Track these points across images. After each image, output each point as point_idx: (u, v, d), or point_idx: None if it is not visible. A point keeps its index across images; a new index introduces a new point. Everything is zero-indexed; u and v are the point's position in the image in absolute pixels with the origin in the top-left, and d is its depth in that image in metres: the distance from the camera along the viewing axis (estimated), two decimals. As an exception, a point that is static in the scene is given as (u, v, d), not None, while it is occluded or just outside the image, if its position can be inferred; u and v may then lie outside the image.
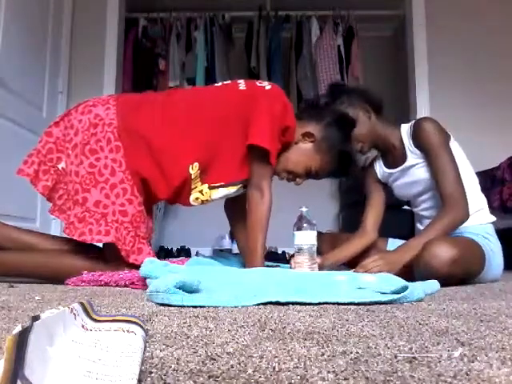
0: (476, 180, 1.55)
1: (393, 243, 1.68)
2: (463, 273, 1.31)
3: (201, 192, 1.42)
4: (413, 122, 1.55)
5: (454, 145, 1.50)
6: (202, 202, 1.45)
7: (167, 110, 1.39)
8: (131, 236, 1.31)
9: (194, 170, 1.38)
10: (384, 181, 1.68)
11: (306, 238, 1.36)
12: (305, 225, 1.36)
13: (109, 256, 1.33)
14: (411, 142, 1.52)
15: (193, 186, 1.41)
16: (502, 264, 1.48)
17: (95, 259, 1.33)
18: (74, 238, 1.27)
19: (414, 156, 1.52)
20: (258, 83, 1.46)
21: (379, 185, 1.69)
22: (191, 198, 1.43)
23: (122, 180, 1.31)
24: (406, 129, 1.56)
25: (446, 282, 1.24)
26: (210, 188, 1.42)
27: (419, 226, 1.62)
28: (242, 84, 1.45)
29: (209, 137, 1.38)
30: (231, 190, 1.44)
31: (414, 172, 1.53)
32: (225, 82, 1.54)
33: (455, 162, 1.44)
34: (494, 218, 1.53)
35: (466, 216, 1.41)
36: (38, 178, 1.36)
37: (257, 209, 1.37)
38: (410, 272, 1.33)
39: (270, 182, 1.40)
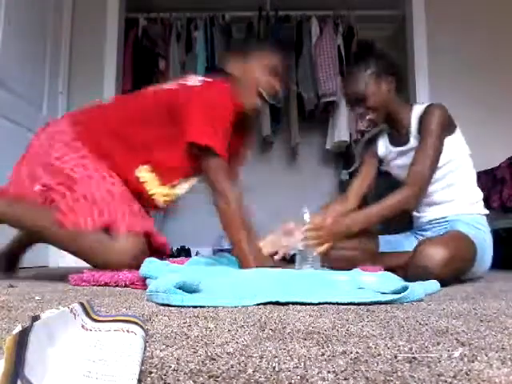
0: (474, 175, 1.55)
1: (385, 243, 1.67)
2: (455, 273, 1.32)
3: (165, 195, 1.46)
4: (426, 105, 1.52)
5: (457, 136, 1.50)
6: (172, 200, 1.47)
7: (106, 116, 1.47)
8: (125, 211, 1.34)
9: (143, 172, 1.41)
10: (382, 156, 1.67)
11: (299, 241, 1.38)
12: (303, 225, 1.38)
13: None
14: (416, 127, 1.51)
15: (154, 191, 1.44)
16: (491, 256, 1.49)
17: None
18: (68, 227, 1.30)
19: (415, 140, 1.52)
20: (190, 80, 1.49)
21: (374, 160, 1.69)
22: (160, 202, 1.47)
23: (96, 169, 1.37)
24: (418, 111, 1.53)
25: (439, 282, 1.25)
26: (171, 187, 1.45)
27: (414, 213, 1.62)
28: (175, 84, 1.49)
29: (144, 137, 1.42)
30: (193, 181, 1.47)
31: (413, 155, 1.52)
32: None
33: (438, 152, 1.44)
34: (487, 211, 1.53)
35: (416, 203, 1.44)
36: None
37: (225, 216, 1.39)
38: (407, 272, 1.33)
39: (225, 174, 1.38)
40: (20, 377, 0.29)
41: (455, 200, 1.50)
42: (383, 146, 1.67)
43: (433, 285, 1.13)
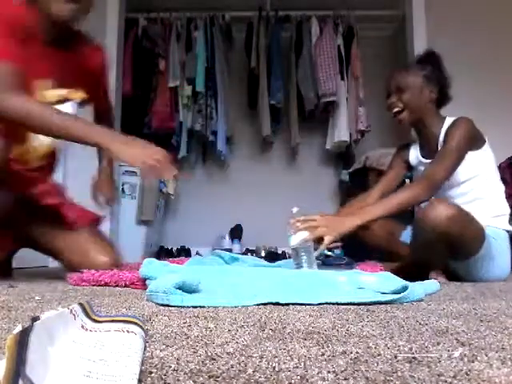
0: (502, 188, 1.55)
1: (408, 235, 1.67)
2: (459, 236, 1.32)
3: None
4: (456, 118, 1.54)
5: (485, 151, 1.52)
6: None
7: None
8: None
9: None
10: (413, 165, 1.68)
11: (300, 239, 1.33)
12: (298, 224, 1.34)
13: None
14: (443, 139, 1.52)
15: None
16: (506, 270, 1.48)
17: None
18: None
19: None
20: None
21: (403, 166, 1.70)
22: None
23: None
24: (447, 123, 1.54)
25: (441, 239, 1.25)
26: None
27: None
28: None
29: None
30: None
31: None
32: None
33: (457, 161, 1.45)
34: (510, 228, 1.52)
35: (426, 195, 1.41)
36: None
37: (30, 116, 1.16)
38: (406, 271, 1.33)
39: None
40: (21, 376, 0.29)
41: (479, 213, 1.49)
42: (414, 155, 1.68)
43: (433, 285, 1.13)
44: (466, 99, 2.99)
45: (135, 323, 0.52)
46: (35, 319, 0.40)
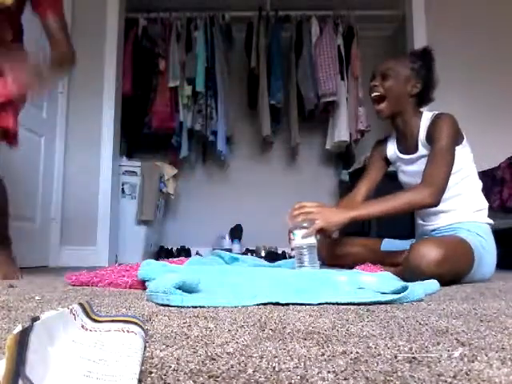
0: (479, 183, 1.55)
1: (388, 243, 1.68)
2: (450, 273, 1.31)
3: None
4: (434, 113, 1.53)
5: (464, 146, 1.51)
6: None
7: None
8: None
9: None
10: (391, 161, 1.69)
11: (306, 238, 1.34)
12: (304, 223, 1.35)
13: None
14: (425, 135, 1.51)
15: None
16: (494, 265, 1.49)
17: None
18: None
19: (424, 148, 1.52)
20: None
21: (382, 162, 1.70)
22: None
23: None
24: (426, 118, 1.54)
25: (433, 277, 1.24)
26: None
27: (419, 221, 1.62)
28: None
29: None
30: None
31: (423, 162, 1.50)
32: None
33: (452, 156, 1.43)
34: (491, 221, 1.53)
35: (434, 202, 1.38)
36: None
37: None
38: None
39: None
40: (21, 376, 0.29)
41: (460, 208, 1.50)
42: (392, 151, 1.68)
43: (433, 285, 1.13)
44: (466, 98, 3.00)
45: (135, 323, 0.52)
46: (35, 319, 0.40)
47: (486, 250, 1.44)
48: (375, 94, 1.54)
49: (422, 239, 1.37)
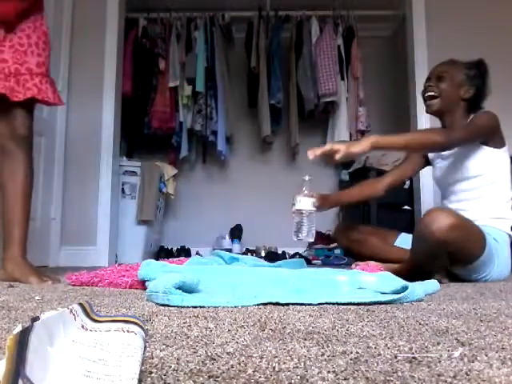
0: (509, 194, 1.55)
1: (403, 239, 1.68)
2: (459, 245, 1.31)
3: None
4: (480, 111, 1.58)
5: (502, 152, 1.53)
6: None
7: None
8: None
9: None
10: (431, 157, 1.71)
11: (307, 204, 1.40)
12: (306, 191, 1.40)
13: None
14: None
15: None
16: (506, 271, 1.48)
17: None
18: None
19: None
20: None
21: (422, 159, 1.73)
22: None
23: None
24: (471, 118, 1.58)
25: (442, 249, 1.25)
26: None
27: None
28: None
29: None
30: None
31: (458, 158, 1.55)
32: None
33: (477, 136, 1.48)
34: (511, 233, 1.52)
35: (445, 142, 1.43)
36: None
37: None
38: (407, 272, 1.33)
39: None
40: (21, 376, 0.29)
41: (475, 210, 1.50)
42: None
43: (433, 285, 1.13)
44: (466, 99, 3.00)
45: (135, 323, 0.52)
46: (35, 319, 0.40)
47: (498, 255, 1.44)
48: (429, 93, 1.59)
49: (435, 207, 1.40)
